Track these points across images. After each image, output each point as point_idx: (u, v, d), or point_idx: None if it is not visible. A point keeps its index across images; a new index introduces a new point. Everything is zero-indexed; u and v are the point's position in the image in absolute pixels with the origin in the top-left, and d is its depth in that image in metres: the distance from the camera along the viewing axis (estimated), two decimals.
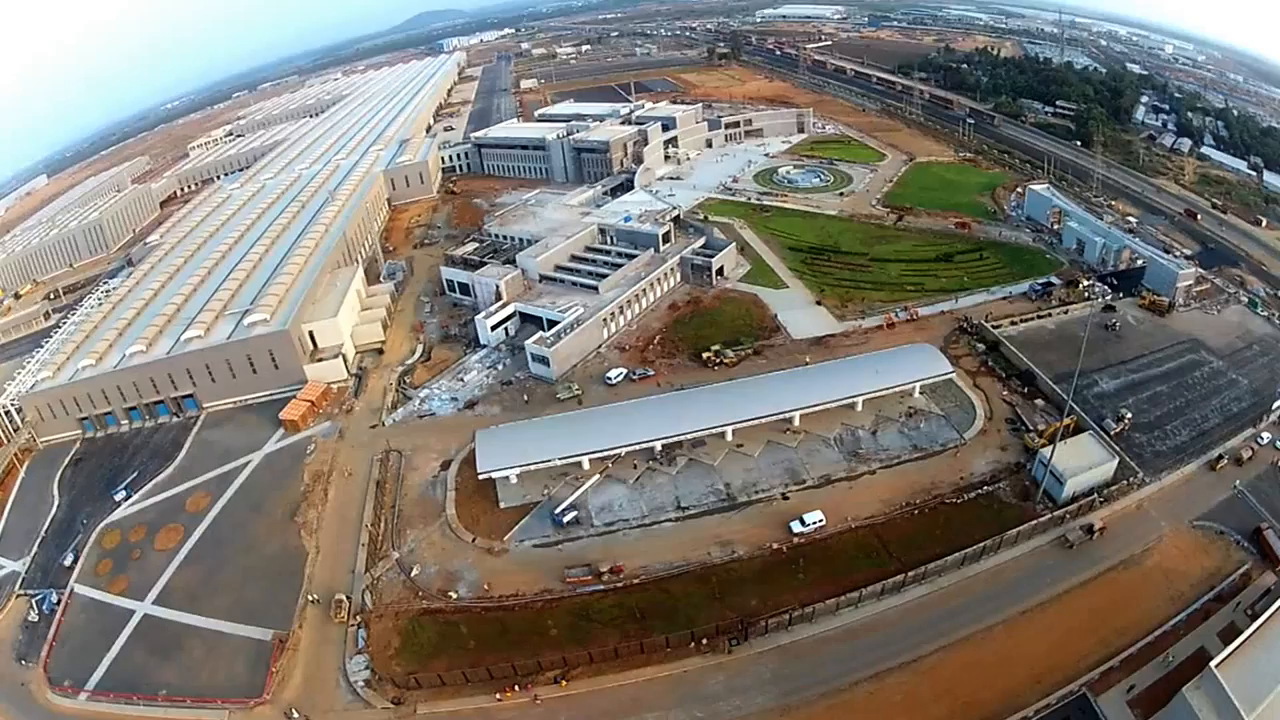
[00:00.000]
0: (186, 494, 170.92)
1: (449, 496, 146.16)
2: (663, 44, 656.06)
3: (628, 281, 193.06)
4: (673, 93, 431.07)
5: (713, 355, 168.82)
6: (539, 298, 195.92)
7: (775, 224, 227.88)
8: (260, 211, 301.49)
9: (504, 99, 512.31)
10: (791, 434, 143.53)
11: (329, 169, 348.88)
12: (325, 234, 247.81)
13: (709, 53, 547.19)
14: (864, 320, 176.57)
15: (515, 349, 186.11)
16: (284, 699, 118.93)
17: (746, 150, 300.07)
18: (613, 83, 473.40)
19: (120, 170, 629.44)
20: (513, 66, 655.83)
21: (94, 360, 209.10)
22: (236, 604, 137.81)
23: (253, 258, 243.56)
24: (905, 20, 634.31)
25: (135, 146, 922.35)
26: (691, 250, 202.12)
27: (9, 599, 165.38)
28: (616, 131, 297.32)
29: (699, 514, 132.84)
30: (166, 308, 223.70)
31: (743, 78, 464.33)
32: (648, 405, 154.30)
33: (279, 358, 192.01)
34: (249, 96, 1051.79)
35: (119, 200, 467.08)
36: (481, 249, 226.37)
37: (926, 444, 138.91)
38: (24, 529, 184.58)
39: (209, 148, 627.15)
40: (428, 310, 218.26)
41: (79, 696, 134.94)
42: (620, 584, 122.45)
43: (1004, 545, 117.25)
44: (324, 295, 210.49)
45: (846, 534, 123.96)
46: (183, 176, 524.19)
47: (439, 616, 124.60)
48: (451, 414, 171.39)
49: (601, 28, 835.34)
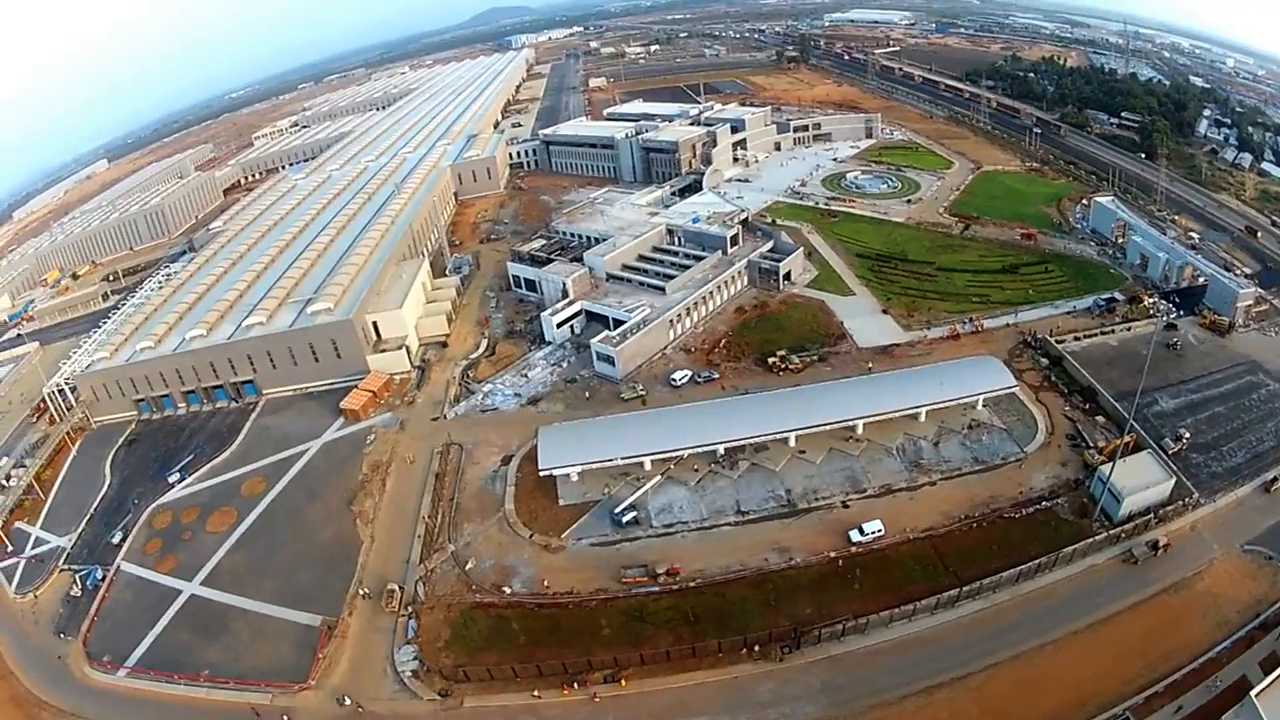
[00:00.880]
0: (242, 478, 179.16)
1: (508, 491, 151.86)
2: (731, 46, 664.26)
3: (695, 283, 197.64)
4: (742, 95, 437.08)
5: (778, 360, 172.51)
6: (606, 296, 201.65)
7: (843, 229, 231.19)
8: (326, 202, 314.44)
9: (572, 97, 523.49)
10: (854, 442, 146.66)
11: (396, 162, 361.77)
12: (391, 226, 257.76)
13: (778, 56, 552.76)
14: (929, 330, 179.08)
15: (580, 347, 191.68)
16: (329, 685, 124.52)
17: (815, 154, 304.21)
18: (681, 83, 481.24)
19: (183, 157, 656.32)
20: (581, 64, 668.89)
21: (152, 343, 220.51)
22: (286, 589, 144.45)
23: (317, 247, 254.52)
24: (972, 27, 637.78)
25: (199, 134, 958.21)
26: (759, 254, 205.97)
27: (52, 573, 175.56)
28: (685, 132, 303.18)
29: (758, 519, 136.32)
30: (228, 294, 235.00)
31: (811, 81, 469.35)
32: (712, 408, 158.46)
33: (342, 347, 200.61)
34: (314, 88, 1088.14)
35: (182, 186, 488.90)
36: (549, 246, 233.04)
37: (988, 457, 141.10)
38: (72, 506, 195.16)
39: (274, 138, 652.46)
40: (493, 305, 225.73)
41: (117, 673, 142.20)
42: (676, 586, 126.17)
43: (1059, 563, 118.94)
44: (389, 287, 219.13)
45: (904, 545, 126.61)
46: (246, 165, 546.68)
47: (491, 611, 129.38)
48: (514, 409, 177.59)
49: (670, 28, 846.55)
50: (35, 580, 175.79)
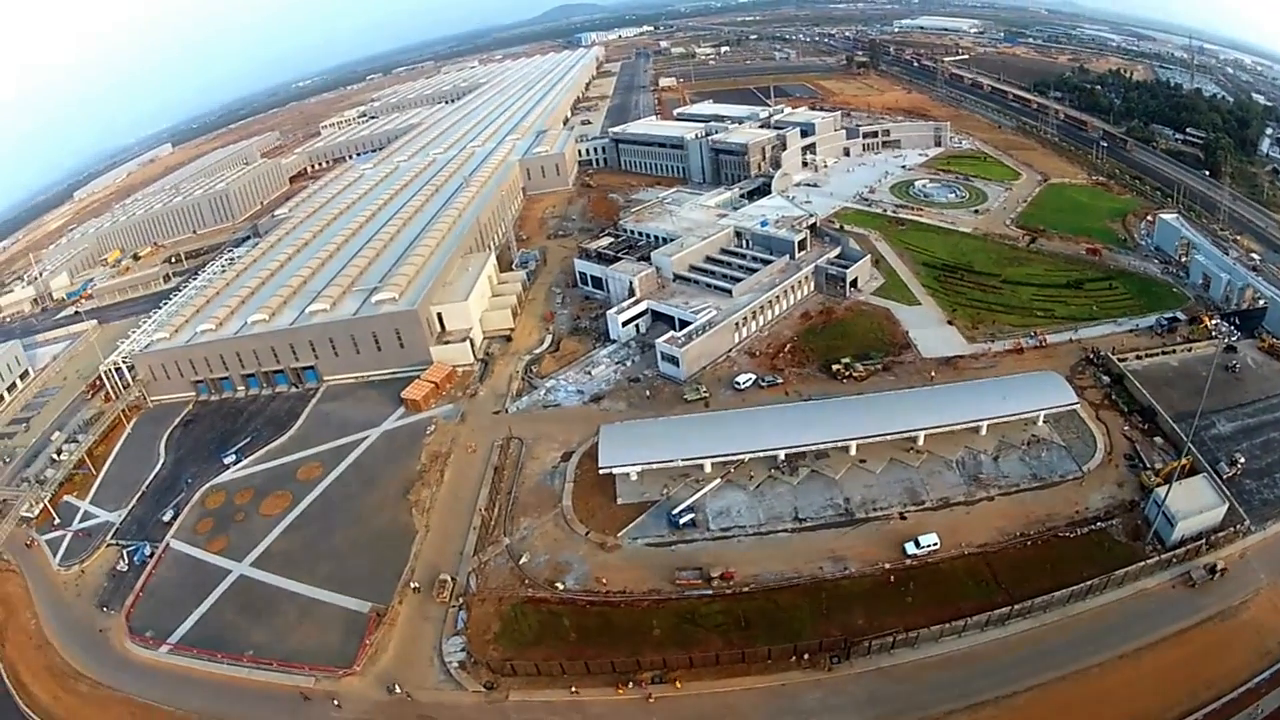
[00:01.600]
0: (298, 463, 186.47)
1: (567, 488, 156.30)
2: (801, 49, 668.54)
3: (762, 287, 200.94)
4: (811, 99, 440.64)
5: (842, 368, 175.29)
6: (672, 296, 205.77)
7: (910, 238, 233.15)
8: (393, 193, 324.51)
9: (642, 96, 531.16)
10: (915, 453, 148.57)
11: (464, 155, 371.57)
12: (459, 218, 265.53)
13: (847, 61, 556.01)
14: (994, 343, 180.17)
15: (645, 346, 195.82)
16: (374, 672, 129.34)
17: (884, 161, 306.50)
18: (751, 85, 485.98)
19: (249, 144, 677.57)
20: (651, 64, 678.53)
21: (213, 325, 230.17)
22: (337, 574, 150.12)
23: (383, 237, 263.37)
24: (1040, 37, 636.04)
25: (265, 121, 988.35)
26: (826, 259, 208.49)
27: (99, 547, 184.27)
28: (755, 135, 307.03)
29: (815, 526, 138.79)
30: (292, 280, 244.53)
31: (880, 88, 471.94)
32: (774, 413, 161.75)
33: (405, 337, 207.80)
34: (383, 79, 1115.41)
35: (247, 172, 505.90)
36: (616, 244, 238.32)
37: (1046, 474, 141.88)
38: (124, 482, 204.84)
39: (341, 127, 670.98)
40: (559, 301, 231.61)
41: (159, 649, 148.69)
42: (729, 590, 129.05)
43: (1110, 585, 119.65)
44: (455, 279, 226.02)
45: (959, 560, 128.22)
46: (313, 154, 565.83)
47: (542, 606, 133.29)
48: (576, 406, 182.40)
49: (740, 30, 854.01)
50: (81, 553, 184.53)
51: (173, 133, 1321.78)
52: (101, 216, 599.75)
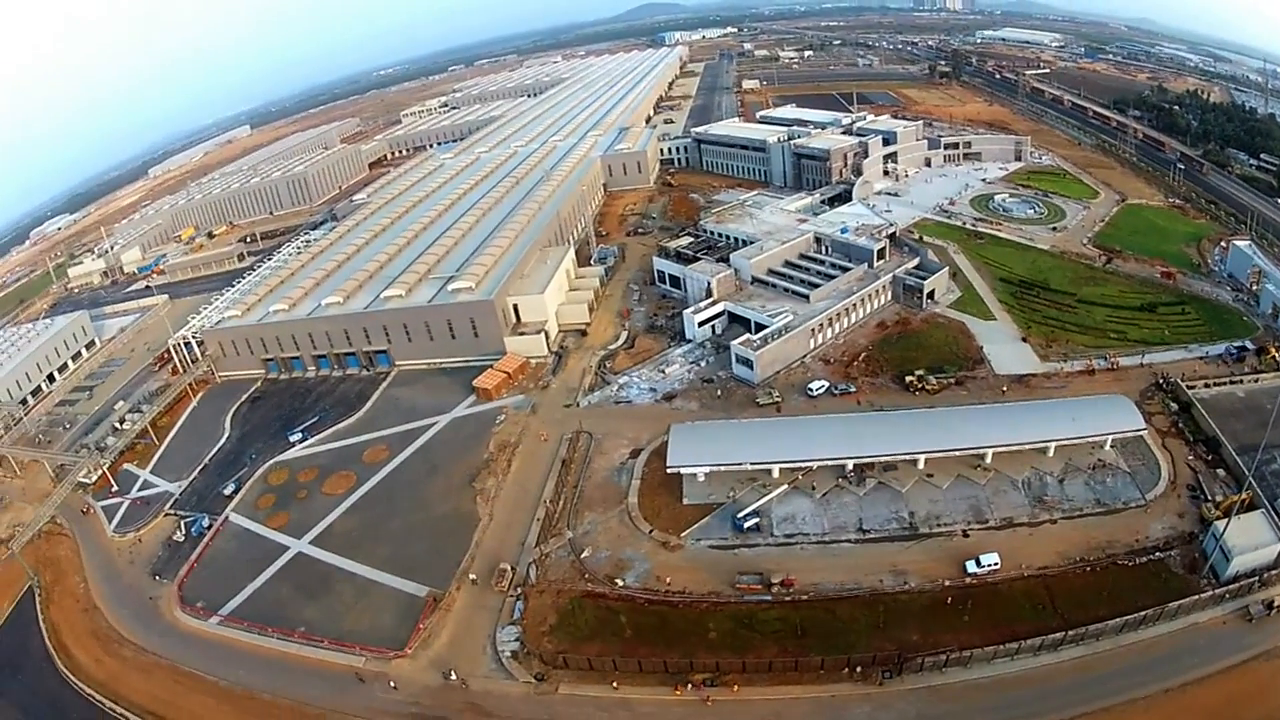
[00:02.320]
0: (365, 445, 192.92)
1: (634, 485, 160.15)
2: (884, 57, 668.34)
3: (839, 294, 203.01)
4: (893, 107, 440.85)
5: (915, 380, 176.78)
6: (749, 299, 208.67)
7: (988, 252, 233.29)
8: (473, 183, 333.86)
9: (725, 97, 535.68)
10: (982, 470, 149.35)
11: (546, 149, 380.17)
12: (538, 211, 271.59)
13: (930, 70, 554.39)
14: (1066, 363, 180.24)
15: (720, 348, 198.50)
16: (426, 657, 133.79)
17: (964, 173, 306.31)
18: (834, 91, 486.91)
19: (329, 129, 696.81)
20: (735, 65, 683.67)
21: (287, 306, 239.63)
22: (397, 557, 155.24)
23: (462, 226, 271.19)
24: (1120, 54, 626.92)
25: (346, 108, 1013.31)
26: (905, 270, 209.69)
27: (157, 516, 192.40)
28: (837, 141, 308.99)
29: (879, 539, 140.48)
30: (368, 264, 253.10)
31: (962, 99, 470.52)
32: (846, 422, 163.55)
33: (480, 326, 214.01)
34: (465, 71, 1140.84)
35: (327, 157, 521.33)
36: (696, 244, 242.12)
37: (1110, 500, 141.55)
38: (186, 455, 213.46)
39: (422, 116, 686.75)
40: (636, 298, 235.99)
41: (209, 620, 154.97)
42: (788, 598, 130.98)
43: (1163, 617, 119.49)
44: (532, 271, 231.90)
45: (1017, 581, 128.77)
46: (394, 141, 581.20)
47: (600, 601, 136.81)
48: (648, 404, 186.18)
49: (824, 34, 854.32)
50: (136, 521, 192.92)
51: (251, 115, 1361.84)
52: (176, 194, 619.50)
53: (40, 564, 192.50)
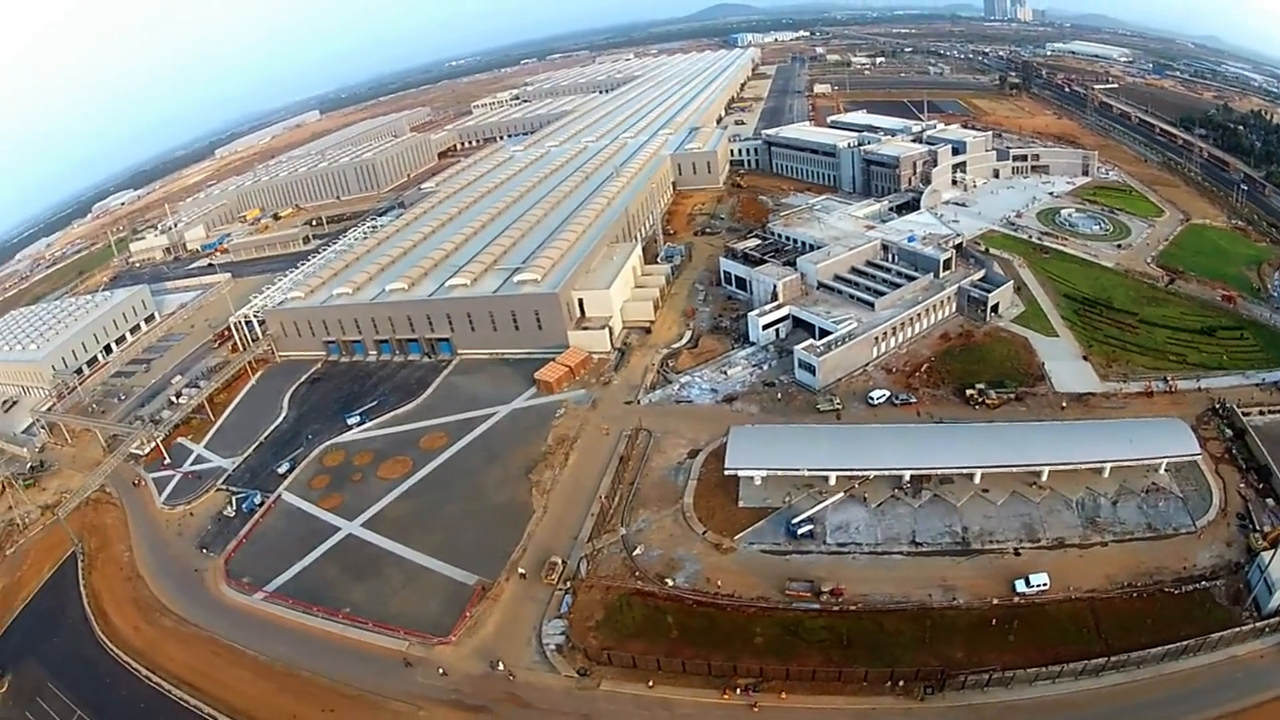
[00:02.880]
0: (423, 431, 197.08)
1: (690, 485, 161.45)
2: (955, 66, 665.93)
3: (904, 303, 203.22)
4: (963, 116, 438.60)
5: (976, 393, 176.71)
6: (815, 304, 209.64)
7: (1053, 267, 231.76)
8: (542, 176, 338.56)
9: (796, 100, 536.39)
10: (1037, 488, 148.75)
11: (616, 145, 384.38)
12: (607, 207, 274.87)
13: (1000, 81, 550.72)
14: (1125, 384, 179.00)
15: (783, 352, 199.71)
16: (470, 645, 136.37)
17: (1032, 186, 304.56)
18: (905, 98, 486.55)
19: (399, 117, 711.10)
20: (806, 69, 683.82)
21: (350, 290, 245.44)
22: (448, 544, 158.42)
23: (530, 219, 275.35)
24: (1187, 72, 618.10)
25: (416, 97, 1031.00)
26: (970, 282, 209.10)
27: (208, 490, 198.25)
28: (907, 148, 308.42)
29: (930, 553, 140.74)
30: (434, 253, 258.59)
31: (1032, 111, 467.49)
32: (904, 433, 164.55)
33: (544, 319, 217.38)
34: (537, 65, 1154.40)
35: (396, 145, 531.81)
36: (763, 246, 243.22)
37: (1161, 525, 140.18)
38: (242, 431, 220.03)
39: (493, 108, 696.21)
40: (701, 298, 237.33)
41: (254, 595, 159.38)
42: (836, 607, 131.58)
43: (1204, 648, 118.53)
44: (599, 266, 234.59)
45: (1065, 603, 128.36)
46: (464, 132, 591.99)
47: (649, 600, 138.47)
48: (708, 404, 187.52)
49: (896, 41, 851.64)
50: (187, 494, 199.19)
51: (321, 100, 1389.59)
52: (243, 175, 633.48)
53: (86, 531, 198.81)
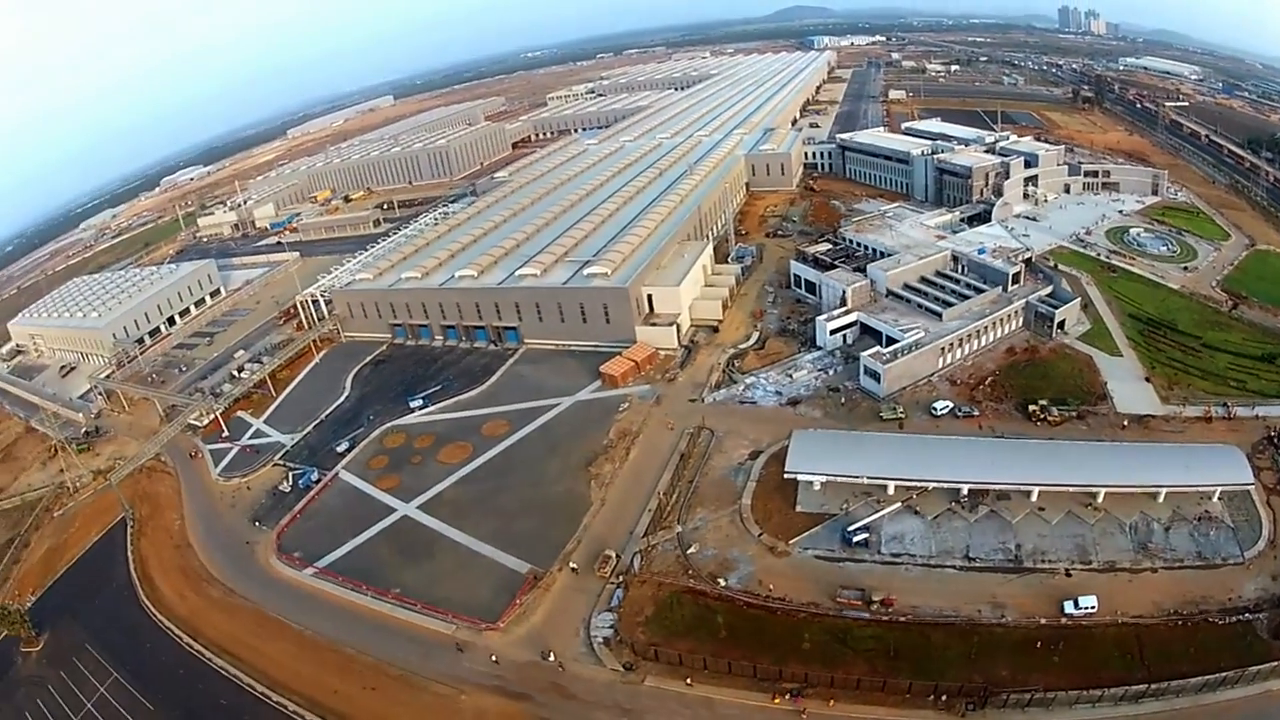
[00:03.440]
0: (485, 418, 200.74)
1: (749, 486, 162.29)
2: (1029, 77, 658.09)
3: (972, 315, 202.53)
4: (1036, 129, 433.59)
5: (1038, 410, 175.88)
6: (883, 312, 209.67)
7: (1120, 286, 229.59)
8: (616, 170, 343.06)
9: (871, 106, 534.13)
10: (1092, 510, 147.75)
11: (691, 143, 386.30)
12: (680, 204, 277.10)
13: (1073, 94, 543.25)
14: (1185, 408, 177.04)
15: (849, 358, 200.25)
16: (517, 633, 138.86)
17: (1103, 203, 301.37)
18: (978, 107, 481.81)
19: (474, 106, 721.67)
20: (881, 75, 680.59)
21: (419, 274, 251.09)
22: (503, 531, 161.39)
23: (602, 212, 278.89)
24: (1255, 92, 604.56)
25: (491, 86, 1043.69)
26: (1038, 297, 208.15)
27: (265, 465, 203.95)
28: (980, 159, 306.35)
29: (983, 568, 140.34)
30: (505, 241, 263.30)
31: (1104, 126, 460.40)
32: (966, 445, 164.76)
33: (613, 313, 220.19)
34: (613, 59, 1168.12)
35: (470, 133, 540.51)
36: (834, 251, 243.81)
37: (1210, 554, 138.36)
38: (303, 409, 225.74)
39: (568, 101, 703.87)
40: (770, 300, 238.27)
41: (304, 570, 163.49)
42: (886, 617, 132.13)
43: (1242, 680, 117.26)
44: (669, 263, 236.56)
45: (1110, 628, 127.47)
46: (538, 123, 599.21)
47: (700, 598, 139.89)
48: (772, 406, 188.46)
49: (971, 50, 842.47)
50: (243, 468, 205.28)
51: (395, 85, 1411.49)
52: (314, 156, 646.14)
53: (138, 498, 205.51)
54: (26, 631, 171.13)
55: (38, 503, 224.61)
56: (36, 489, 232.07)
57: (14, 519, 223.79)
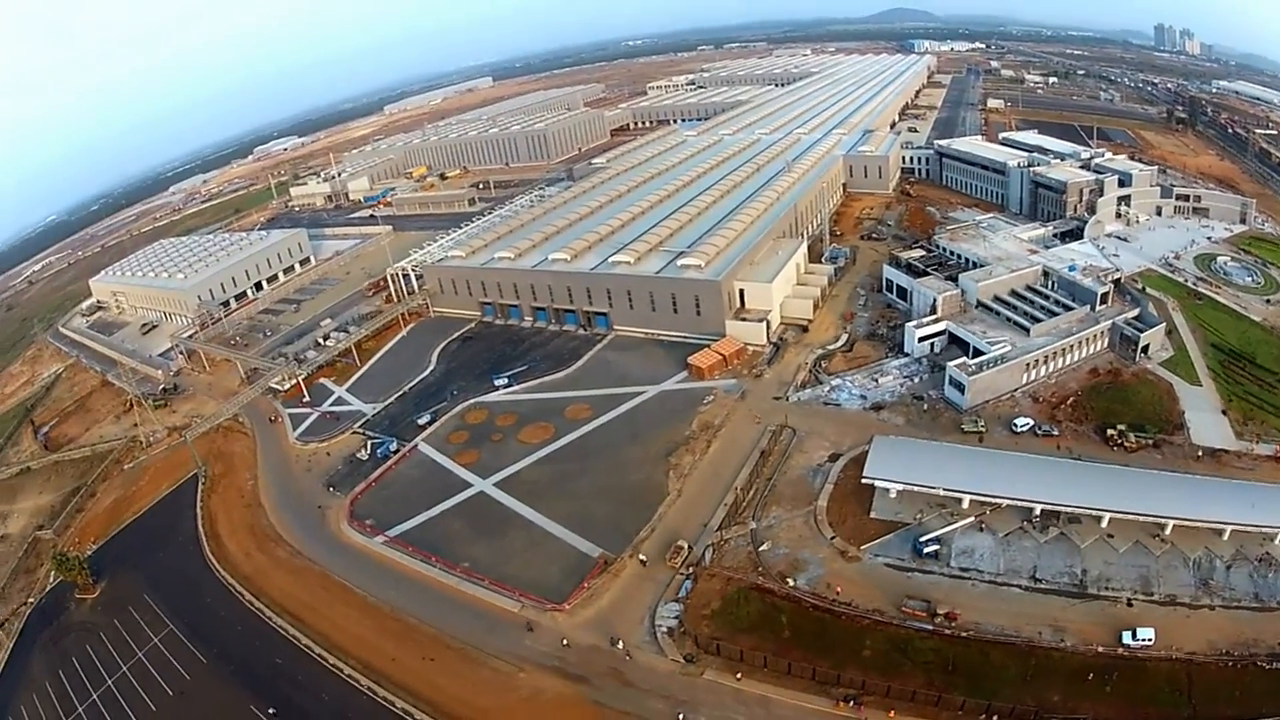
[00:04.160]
0: (569, 401, 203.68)
1: (826, 489, 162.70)
2: (1125, 93, 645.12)
3: (1059, 332, 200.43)
4: (1130, 147, 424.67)
5: (1116, 434, 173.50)
6: (972, 323, 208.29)
7: (1204, 315, 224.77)
8: (714, 163, 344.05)
9: (969, 113, 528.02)
10: (1159, 541, 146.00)
11: (789, 140, 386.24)
12: (776, 201, 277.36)
13: (1167, 114, 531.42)
14: (1257, 445, 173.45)
15: (935, 367, 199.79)
16: (583, 615, 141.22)
17: (1193, 228, 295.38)
18: (1074, 122, 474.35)
19: (573, 91, 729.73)
20: (980, 82, 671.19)
21: (512, 255, 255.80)
22: (577, 514, 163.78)
23: (699, 204, 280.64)
24: None
25: (591, 73, 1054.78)
26: (1124, 319, 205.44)
27: (344, 432, 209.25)
28: (1075, 174, 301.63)
29: (1048, 591, 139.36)
30: (600, 228, 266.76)
31: (1195, 149, 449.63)
32: (1043, 465, 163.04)
33: (704, 306, 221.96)
34: (714, 53, 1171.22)
35: (569, 118, 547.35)
36: (927, 258, 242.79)
37: (1266, 596, 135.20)
38: (386, 380, 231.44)
39: (667, 91, 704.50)
40: (861, 303, 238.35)
41: (375, 538, 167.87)
42: (948, 631, 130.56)
43: None
44: (762, 260, 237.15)
45: (1163, 662, 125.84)
46: (638, 112, 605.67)
47: (767, 596, 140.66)
48: (855, 410, 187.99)
49: (1069, 62, 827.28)
50: (321, 433, 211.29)
51: (494, 67, 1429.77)
52: (411, 132, 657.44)
53: (212, 456, 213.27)
54: (84, 579, 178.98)
55: (108, 454, 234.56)
56: (108, 441, 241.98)
57: (82, 469, 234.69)
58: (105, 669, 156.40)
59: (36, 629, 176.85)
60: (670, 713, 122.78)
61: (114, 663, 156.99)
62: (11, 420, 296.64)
